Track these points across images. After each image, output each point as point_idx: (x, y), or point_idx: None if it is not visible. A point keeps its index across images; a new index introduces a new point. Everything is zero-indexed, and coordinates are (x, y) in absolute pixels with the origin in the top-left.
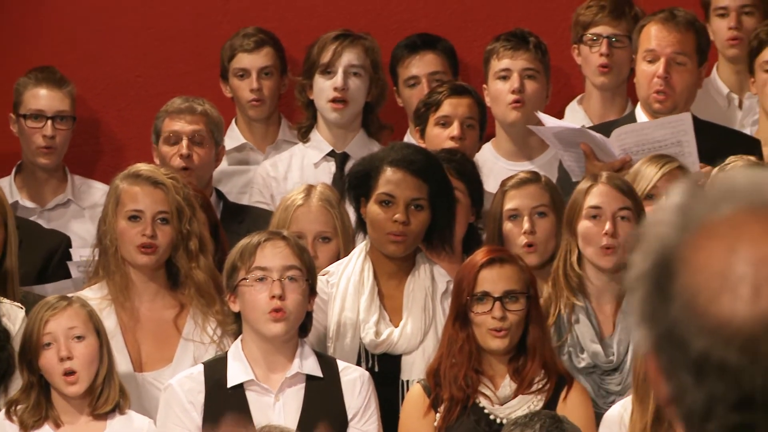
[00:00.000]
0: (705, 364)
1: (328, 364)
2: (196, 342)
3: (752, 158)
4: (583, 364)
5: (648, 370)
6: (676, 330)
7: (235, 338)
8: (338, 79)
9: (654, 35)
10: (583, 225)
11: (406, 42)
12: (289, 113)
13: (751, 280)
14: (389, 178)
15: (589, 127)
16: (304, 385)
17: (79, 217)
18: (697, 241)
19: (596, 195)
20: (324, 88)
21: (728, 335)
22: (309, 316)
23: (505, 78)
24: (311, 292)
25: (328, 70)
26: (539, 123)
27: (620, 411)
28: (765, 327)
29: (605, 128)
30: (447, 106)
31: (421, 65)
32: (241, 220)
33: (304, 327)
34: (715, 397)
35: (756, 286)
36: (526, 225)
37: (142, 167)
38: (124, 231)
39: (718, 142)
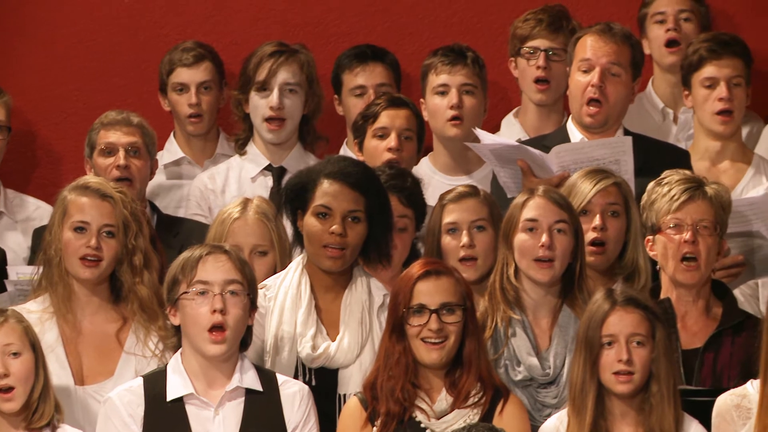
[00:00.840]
0: None
1: (267, 378)
2: (138, 356)
3: (687, 172)
4: (519, 377)
5: None
6: None
7: (175, 351)
8: (274, 98)
9: (590, 45)
10: (520, 238)
11: (355, 51)
12: (227, 125)
13: None
14: (326, 190)
15: (522, 142)
16: (243, 398)
17: (12, 230)
18: None
19: (533, 208)
20: (260, 106)
21: None
22: (249, 330)
23: (443, 93)
24: (252, 306)
25: (263, 88)
26: (477, 139)
27: (556, 424)
28: None
29: (537, 142)
30: (384, 118)
31: (369, 76)
32: (176, 233)
33: (243, 341)
34: None
35: None
36: (464, 239)
37: (92, 179)
38: (68, 242)
39: (648, 154)
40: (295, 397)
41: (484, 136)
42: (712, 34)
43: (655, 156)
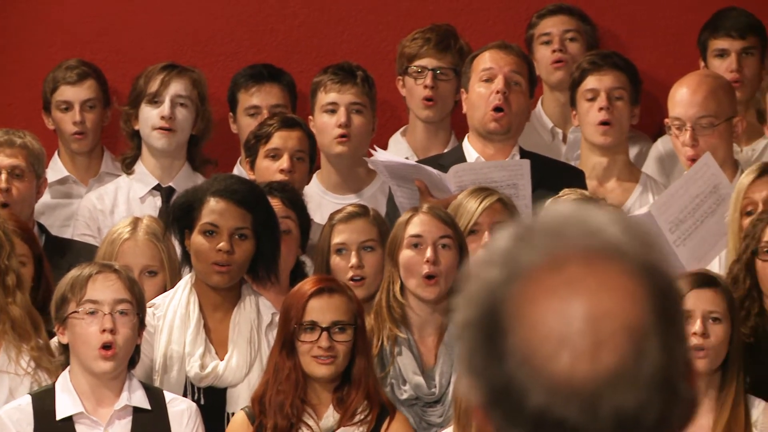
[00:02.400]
0: (543, 421)
1: (155, 396)
2: (11, 374)
3: (585, 192)
4: (405, 396)
5: (477, 422)
6: (512, 385)
7: (63, 369)
8: (165, 108)
9: (490, 57)
10: (405, 254)
11: (251, 71)
12: (112, 145)
13: (589, 337)
14: (213, 208)
15: (418, 161)
16: (131, 417)
17: None
18: (529, 294)
19: (417, 224)
20: (150, 117)
21: (568, 393)
22: (137, 349)
23: (332, 111)
24: (140, 325)
25: (155, 100)
26: (373, 157)
27: None
28: (605, 382)
29: (433, 161)
30: (277, 139)
31: (264, 96)
32: (63, 253)
33: (131, 360)
34: None
35: (596, 343)
36: (353, 259)
37: None
38: None
39: (543, 172)
40: (183, 415)
41: (383, 155)
42: (597, 51)
43: (550, 175)
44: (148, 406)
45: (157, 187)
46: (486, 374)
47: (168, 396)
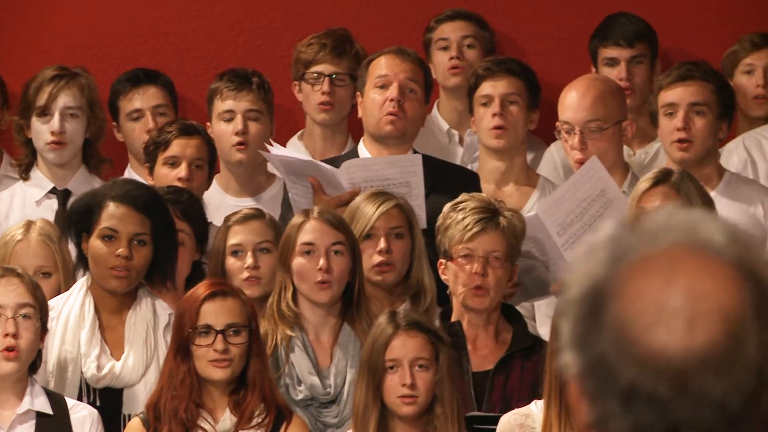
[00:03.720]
0: (634, 393)
1: (57, 401)
2: None
3: (484, 197)
4: (300, 397)
5: (570, 394)
6: (607, 357)
7: None
8: (55, 122)
9: (386, 64)
10: (297, 262)
11: (127, 76)
12: (10, 147)
13: (686, 313)
14: (112, 213)
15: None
16: (34, 422)
17: None
18: (633, 272)
19: (309, 231)
20: (41, 131)
21: (660, 367)
22: (39, 353)
23: (229, 120)
24: (43, 329)
25: (44, 113)
26: (268, 152)
27: None
28: (696, 360)
29: (330, 163)
30: (176, 147)
31: (144, 98)
32: None
33: (33, 364)
34: (641, 426)
35: (691, 320)
36: (249, 260)
37: None
38: None
39: (438, 176)
40: (85, 421)
41: (278, 150)
42: (493, 57)
43: (445, 177)
44: (50, 411)
45: (53, 190)
46: (584, 347)
47: (70, 402)
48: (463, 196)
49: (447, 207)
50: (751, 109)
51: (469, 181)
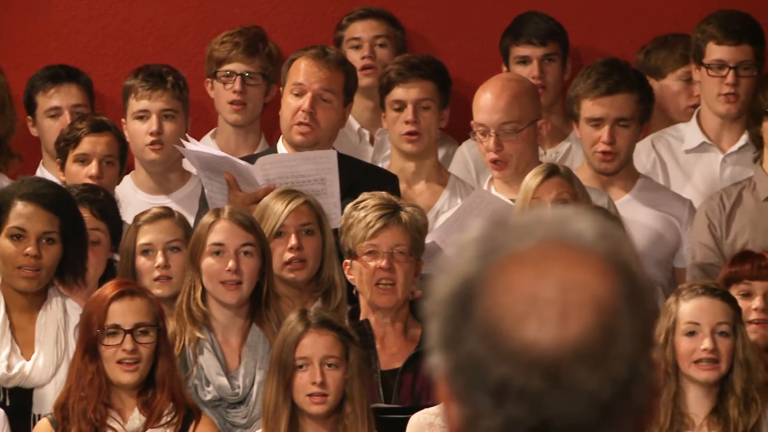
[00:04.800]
0: (506, 388)
1: None
2: None
3: (384, 194)
4: (209, 397)
5: (439, 395)
6: (477, 354)
7: None
8: None
9: (303, 70)
10: (207, 262)
11: (49, 72)
12: None
13: (558, 304)
14: (20, 212)
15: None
16: None
17: None
18: (503, 267)
19: (219, 231)
20: None
21: (532, 360)
22: None
23: (143, 118)
24: None
25: None
26: (184, 147)
27: None
28: (569, 352)
29: (247, 161)
30: (86, 144)
31: (64, 97)
32: None
33: None
34: (512, 422)
35: (563, 311)
36: (159, 259)
37: None
38: None
39: (357, 176)
40: None
41: (194, 145)
42: (405, 56)
43: (365, 179)
44: None
45: None
46: (453, 346)
47: None
48: (363, 196)
49: (348, 207)
50: (683, 117)
51: (388, 182)
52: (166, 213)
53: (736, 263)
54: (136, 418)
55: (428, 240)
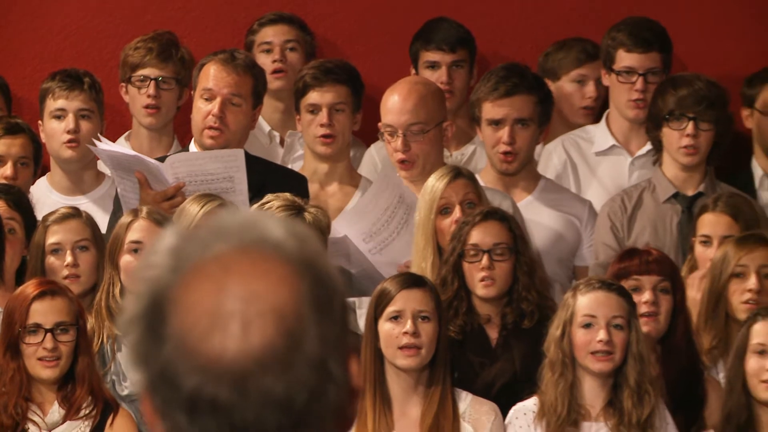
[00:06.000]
0: (197, 402)
1: None
2: None
3: (289, 196)
4: (126, 392)
5: (144, 411)
6: (169, 369)
7: None
8: None
9: (213, 75)
10: (125, 259)
11: None
12: None
13: (240, 316)
14: None
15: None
16: None
17: None
18: (188, 282)
19: (137, 230)
20: None
21: (219, 372)
22: None
23: (60, 117)
24: None
25: None
26: (96, 146)
27: None
28: (254, 362)
29: (160, 161)
30: (1, 146)
31: None
32: None
33: None
34: None
35: (245, 323)
36: (68, 258)
37: None
38: None
39: (267, 177)
40: None
41: (106, 144)
42: (320, 61)
43: (274, 180)
44: None
45: None
46: (148, 361)
47: None
48: (267, 197)
49: (254, 208)
50: (576, 117)
51: (297, 183)
52: (74, 213)
53: (624, 260)
54: (55, 411)
55: (337, 229)
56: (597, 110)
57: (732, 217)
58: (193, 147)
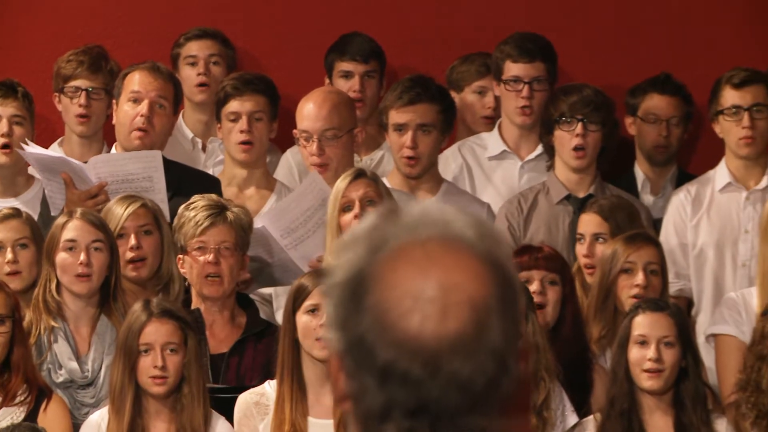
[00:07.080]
0: (390, 373)
1: None
2: None
3: (214, 197)
4: (61, 380)
5: (330, 367)
6: (367, 338)
7: None
8: None
9: (139, 80)
10: (61, 256)
11: None
12: None
13: (440, 302)
14: None
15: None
16: None
17: None
18: (391, 262)
19: (71, 229)
20: None
21: (414, 349)
22: None
23: None
24: None
25: None
26: (23, 150)
27: (98, 420)
28: (447, 345)
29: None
30: None
31: None
32: None
33: None
34: (393, 402)
35: (444, 309)
36: (9, 256)
37: None
38: None
39: (182, 179)
40: None
41: (33, 148)
42: (240, 73)
43: (189, 182)
44: None
45: None
46: (346, 326)
47: None
48: (194, 198)
49: (181, 208)
50: (478, 126)
51: (211, 185)
52: (15, 213)
53: (516, 256)
54: None
55: (260, 225)
56: (496, 119)
57: (602, 218)
58: (114, 150)
